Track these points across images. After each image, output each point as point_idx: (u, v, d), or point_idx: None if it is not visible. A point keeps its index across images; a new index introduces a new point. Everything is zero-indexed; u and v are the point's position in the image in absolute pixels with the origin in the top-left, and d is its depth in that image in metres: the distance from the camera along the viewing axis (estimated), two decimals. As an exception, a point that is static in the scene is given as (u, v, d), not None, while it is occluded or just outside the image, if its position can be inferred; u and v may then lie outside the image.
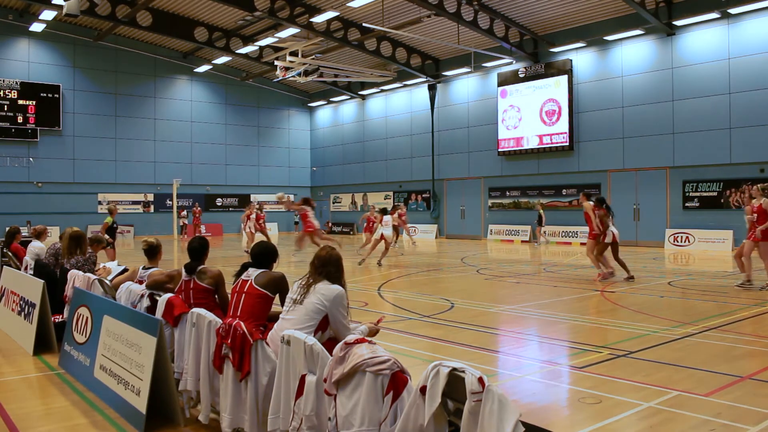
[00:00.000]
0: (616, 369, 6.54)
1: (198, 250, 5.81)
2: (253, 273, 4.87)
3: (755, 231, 11.99)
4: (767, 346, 7.53)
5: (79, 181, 34.84)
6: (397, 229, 22.78)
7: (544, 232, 27.75)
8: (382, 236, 18.67)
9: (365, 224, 24.36)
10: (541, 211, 27.59)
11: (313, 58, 32.05)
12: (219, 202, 40.05)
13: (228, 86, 40.20)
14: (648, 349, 7.40)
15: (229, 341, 4.45)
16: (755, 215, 12.01)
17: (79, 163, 34.90)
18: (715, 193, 24.03)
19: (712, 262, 18.92)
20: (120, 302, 6.24)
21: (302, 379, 3.84)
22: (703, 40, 24.15)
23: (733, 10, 22.65)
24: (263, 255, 5.04)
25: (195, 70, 38.09)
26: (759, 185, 12.52)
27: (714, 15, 23.18)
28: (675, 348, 7.47)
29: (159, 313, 5.43)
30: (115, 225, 16.34)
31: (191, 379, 4.96)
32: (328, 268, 4.53)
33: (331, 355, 3.63)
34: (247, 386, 4.38)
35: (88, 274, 7.36)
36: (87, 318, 6.25)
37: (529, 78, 29.84)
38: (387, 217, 18.92)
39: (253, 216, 22.78)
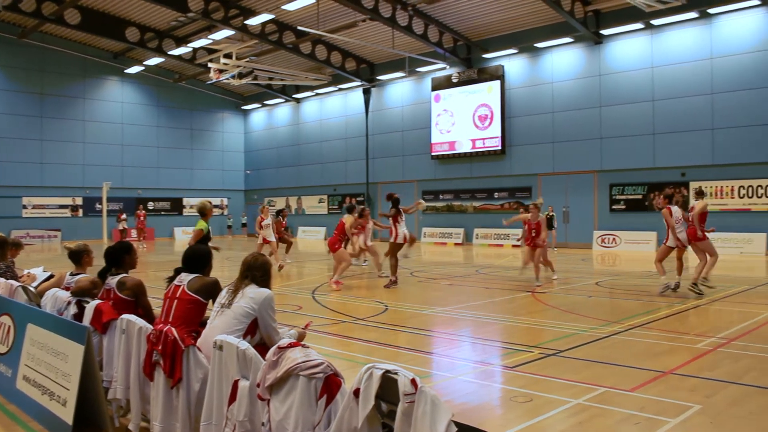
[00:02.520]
0: (547, 368, 6.70)
1: (112, 254, 5.73)
2: (185, 278, 4.78)
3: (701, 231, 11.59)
4: (688, 342, 7.85)
5: (2, 185, 33.40)
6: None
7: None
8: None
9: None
10: (553, 213, 26.92)
11: (247, 61, 31.72)
12: (151, 205, 39.10)
13: (160, 88, 39.31)
14: (577, 347, 7.61)
15: (159, 348, 4.36)
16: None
17: (2, 165, 33.46)
18: (640, 196, 24.93)
19: (637, 262, 19.57)
20: (45, 310, 6.04)
21: (235, 384, 3.80)
22: (628, 49, 25.03)
23: (655, 21, 23.58)
24: (195, 259, 4.94)
25: (126, 71, 37.09)
26: (698, 188, 12.27)
27: (638, 25, 24.11)
28: (602, 346, 7.71)
29: (87, 320, 5.27)
30: (209, 234, 10.74)
31: (121, 387, 4.85)
32: (254, 272, 4.53)
33: (264, 359, 3.61)
34: (178, 393, 4.29)
35: (11, 281, 7.09)
36: (9, 327, 6.01)
37: (462, 83, 30.28)
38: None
39: (267, 221, 18.69)
